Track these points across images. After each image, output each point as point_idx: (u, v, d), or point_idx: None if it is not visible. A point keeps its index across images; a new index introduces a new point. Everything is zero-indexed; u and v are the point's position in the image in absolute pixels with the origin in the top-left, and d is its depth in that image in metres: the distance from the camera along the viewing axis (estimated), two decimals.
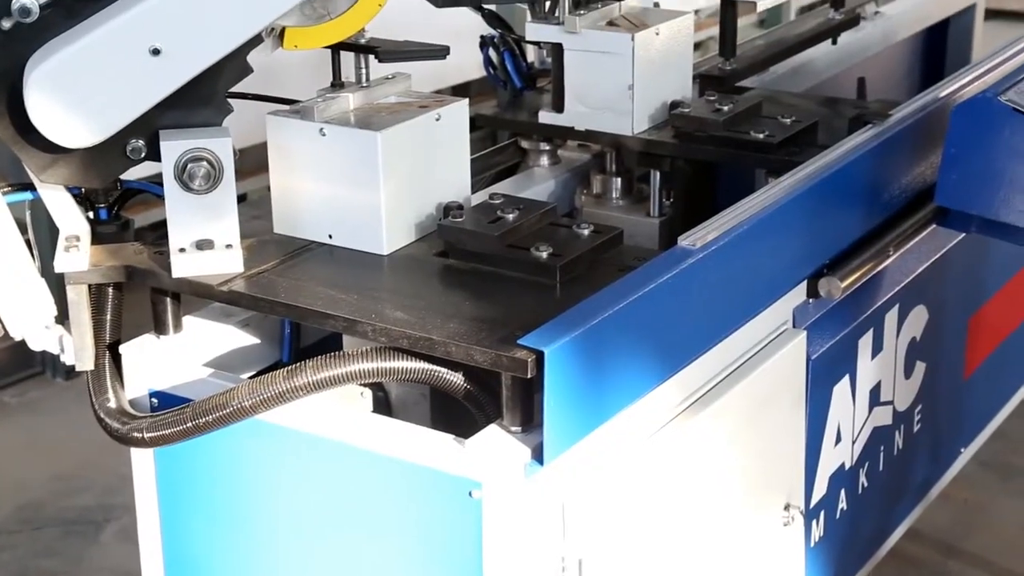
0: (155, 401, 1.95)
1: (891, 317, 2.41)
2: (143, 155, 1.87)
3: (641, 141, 2.42)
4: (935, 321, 2.56)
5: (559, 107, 2.48)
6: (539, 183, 2.53)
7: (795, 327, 2.18)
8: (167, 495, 1.99)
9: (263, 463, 1.90)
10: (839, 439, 2.33)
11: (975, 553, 3.24)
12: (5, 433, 3.88)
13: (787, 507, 2.19)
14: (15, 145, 1.83)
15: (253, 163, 2.33)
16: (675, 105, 2.45)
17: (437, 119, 2.05)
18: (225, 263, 1.89)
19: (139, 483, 2.02)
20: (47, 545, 3.40)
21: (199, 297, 1.93)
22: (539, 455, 1.69)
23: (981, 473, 3.34)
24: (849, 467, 2.38)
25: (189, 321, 2.03)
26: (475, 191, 2.17)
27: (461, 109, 2.09)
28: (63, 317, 1.93)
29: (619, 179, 2.51)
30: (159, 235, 1.97)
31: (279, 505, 1.91)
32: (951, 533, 3.28)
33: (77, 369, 1.93)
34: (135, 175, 1.97)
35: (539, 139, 2.58)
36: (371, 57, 2.06)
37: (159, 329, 1.98)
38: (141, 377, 1.96)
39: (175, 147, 1.83)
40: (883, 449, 2.50)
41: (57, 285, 1.93)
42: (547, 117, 2.50)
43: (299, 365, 1.77)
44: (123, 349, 1.96)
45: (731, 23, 2.76)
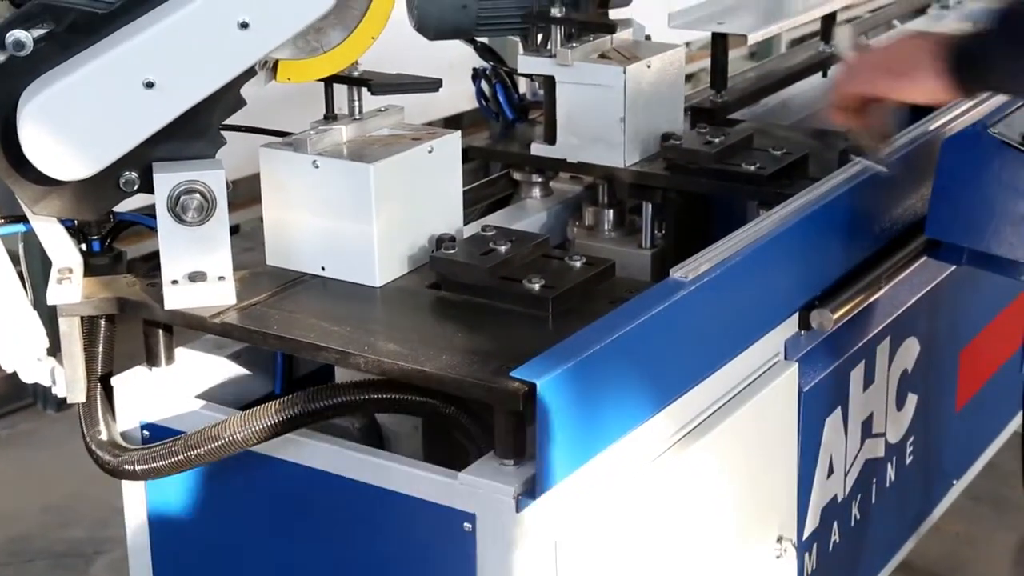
0: (147, 433, 1.95)
1: (883, 349, 2.42)
2: (136, 187, 1.87)
3: (633, 173, 2.43)
4: (927, 353, 2.56)
5: (551, 139, 2.49)
6: (531, 215, 2.54)
7: (787, 359, 2.19)
8: (158, 528, 1.99)
9: (255, 496, 1.90)
10: (831, 471, 2.33)
11: None
12: None
13: (779, 539, 2.19)
14: (8, 178, 1.83)
15: (245, 194, 2.33)
16: (667, 137, 2.46)
17: (430, 151, 2.05)
18: (218, 295, 1.89)
19: (130, 516, 2.01)
20: None
21: (191, 329, 1.93)
22: (532, 488, 1.69)
23: (973, 506, 3.34)
24: (842, 499, 2.38)
25: (181, 353, 2.03)
26: (467, 222, 2.18)
27: (454, 141, 2.10)
28: (55, 349, 1.93)
29: (611, 211, 2.52)
30: (151, 266, 1.97)
31: (271, 538, 1.90)
32: (943, 566, 3.27)
33: (69, 401, 1.93)
34: (128, 206, 1.97)
35: (531, 171, 2.59)
36: (364, 89, 2.07)
37: (151, 361, 1.98)
38: (133, 409, 1.96)
39: (168, 179, 1.84)
40: (875, 481, 2.50)
41: (49, 317, 1.93)
42: (539, 149, 2.51)
43: (291, 397, 1.77)
44: (115, 381, 1.96)
45: (722, 56, 2.78)
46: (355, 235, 1.98)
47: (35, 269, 2.01)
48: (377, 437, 2.02)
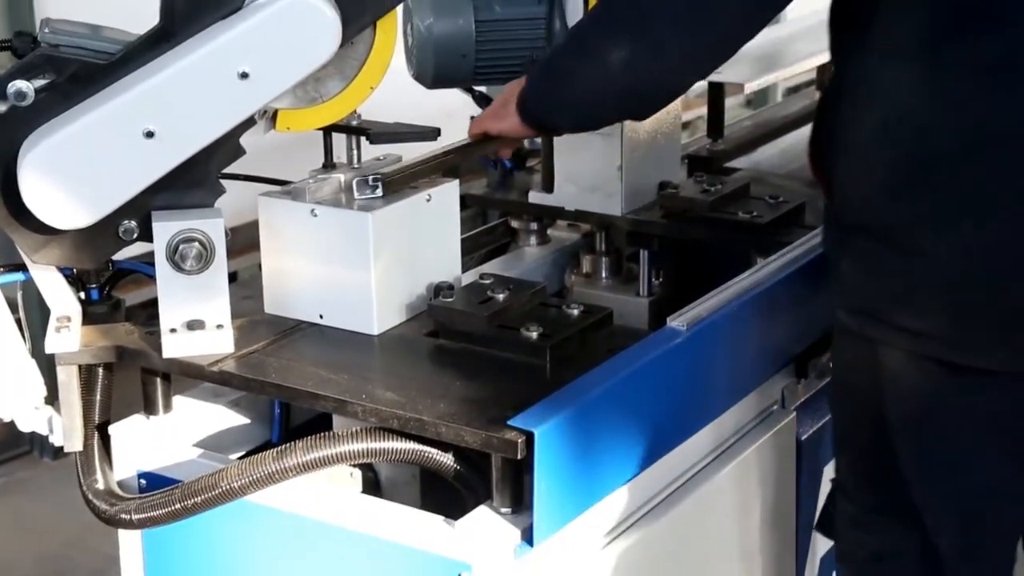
0: (144, 482, 1.95)
1: None
2: (135, 236, 1.88)
3: (630, 221, 2.44)
4: None
5: (549, 187, 2.50)
6: (529, 262, 2.55)
7: (784, 407, 2.19)
8: None
9: (252, 545, 1.89)
10: None
11: None
12: None
13: None
14: (8, 227, 1.84)
15: (243, 241, 2.33)
16: (664, 185, 2.47)
17: (428, 200, 2.06)
18: (216, 343, 1.89)
19: (126, 565, 2.00)
20: None
21: (190, 377, 1.93)
22: (529, 536, 1.68)
23: None
24: None
25: (179, 401, 2.02)
26: (465, 270, 2.19)
27: (452, 190, 2.11)
28: (52, 397, 1.93)
29: (608, 259, 2.52)
30: (150, 314, 1.97)
31: None
32: None
33: (66, 450, 1.92)
34: (127, 253, 1.98)
35: (529, 219, 2.60)
36: (363, 138, 2.08)
37: (149, 409, 1.98)
38: (130, 458, 1.96)
39: (167, 228, 1.84)
40: None
41: (47, 364, 1.93)
42: (537, 197, 2.52)
43: (289, 446, 1.77)
44: (112, 430, 1.96)
45: (719, 105, 2.80)
46: (353, 283, 1.98)
47: (33, 317, 2.01)
48: (374, 485, 2.01)
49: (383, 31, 1.94)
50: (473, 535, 1.70)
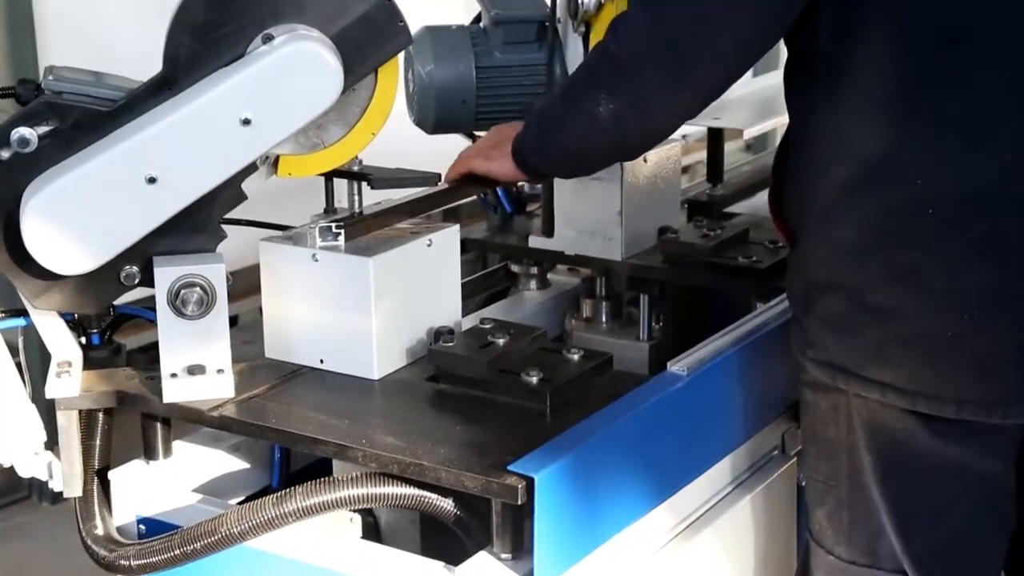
0: (143, 528, 1.94)
1: None
2: (137, 281, 1.88)
3: (630, 266, 2.44)
4: None
5: (549, 232, 2.51)
6: (529, 307, 2.55)
7: (784, 453, 2.18)
8: None
9: None
10: None
11: None
12: None
13: None
14: (10, 272, 1.85)
15: (244, 285, 2.34)
16: (664, 230, 2.48)
17: (428, 244, 2.07)
18: (216, 388, 1.89)
19: None
20: None
21: (190, 422, 1.93)
22: None
23: None
24: None
25: (179, 446, 2.02)
26: (465, 314, 2.19)
27: (452, 235, 2.12)
28: (52, 442, 1.92)
29: (608, 303, 2.53)
30: (150, 358, 1.97)
31: None
32: None
33: (65, 495, 1.92)
34: (127, 297, 1.98)
35: (529, 263, 2.61)
36: (364, 183, 2.09)
37: (148, 454, 1.98)
38: (129, 503, 1.95)
39: (169, 273, 1.85)
40: None
41: (46, 409, 1.93)
42: (537, 241, 2.53)
43: (289, 491, 1.77)
44: (112, 475, 1.96)
45: (718, 150, 2.81)
46: (354, 328, 1.99)
47: (34, 361, 2.01)
48: (374, 531, 2.01)
49: (385, 78, 1.96)
50: None
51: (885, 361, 1.80)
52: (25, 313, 1.92)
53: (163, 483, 1.96)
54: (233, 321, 1.95)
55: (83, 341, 1.99)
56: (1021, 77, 1.71)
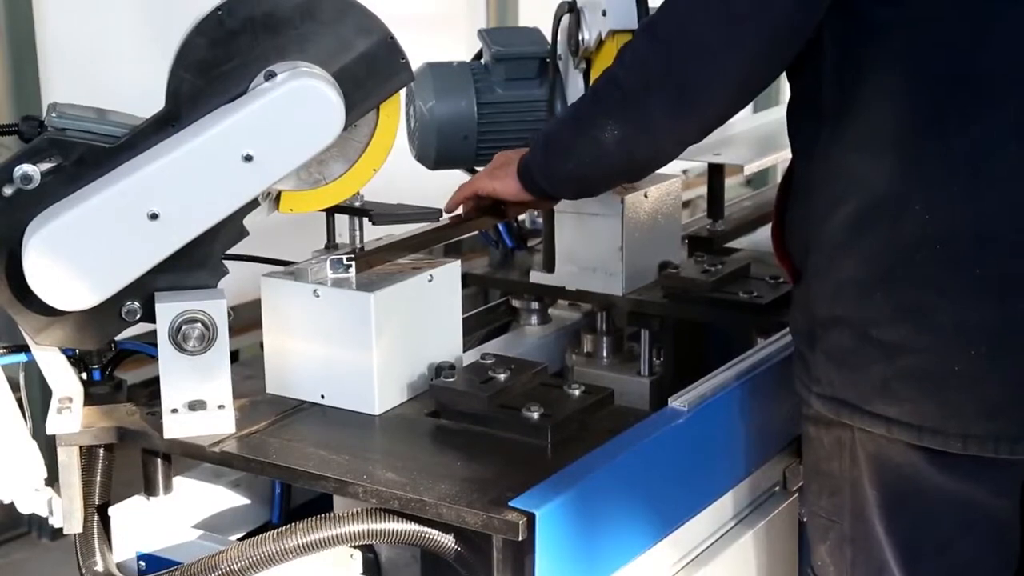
0: (143, 564, 1.94)
1: None
2: (139, 316, 1.88)
3: (631, 301, 2.45)
4: None
5: (550, 267, 2.51)
6: (530, 342, 2.55)
7: (786, 489, 2.18)
8: None
9: None
10: None
11: None
12: None
13: None
14: (11, 308, 1.85)
15: (245, 319, 2.34)
16: (664, 266, 2.49)
17: (430, 280, 2.07)
18: (217, 424, 1.89)
19: None
20: None
21: (190, 458, 1.93)
22: None
23: None
24: None
25: (179, 482, 2.02)
26: (466, 349, 2.19)
27: (453, 270, 2.12)
28: (52, 478, 1.92)
29: (609, 338, 2.53)
30: (151, 393, 1.97)
31: None
32: None
33: (65, 532, 1.91)
34: (128, 332, 1.98)
35: (530, 298, 2.61)
36: (365, 219, 2.10)
37: (149, 490, 1.98)
38: (129, 539, 1.95)
39: (170, 309, 1.85)
40: None
41: (46, 444, 1.93)
42: (538, 277, 2.53)
43: (289, 527, 1.76)
44: (112, 511, 1.95)
45: (719, 185, 2.82)
46: (354, 363, 1.99)
47: (34, 397, 2.01)
48: (375, 567, 2.00)
49: (386, 114, 1.96)
50: None
51: (891, 396, 1.80)
52: (26, 349, 1.93)
53: (163, 519, 1.96)
54: (234, 356, 1.95)
55: (84, 377, 1.99)
56: None
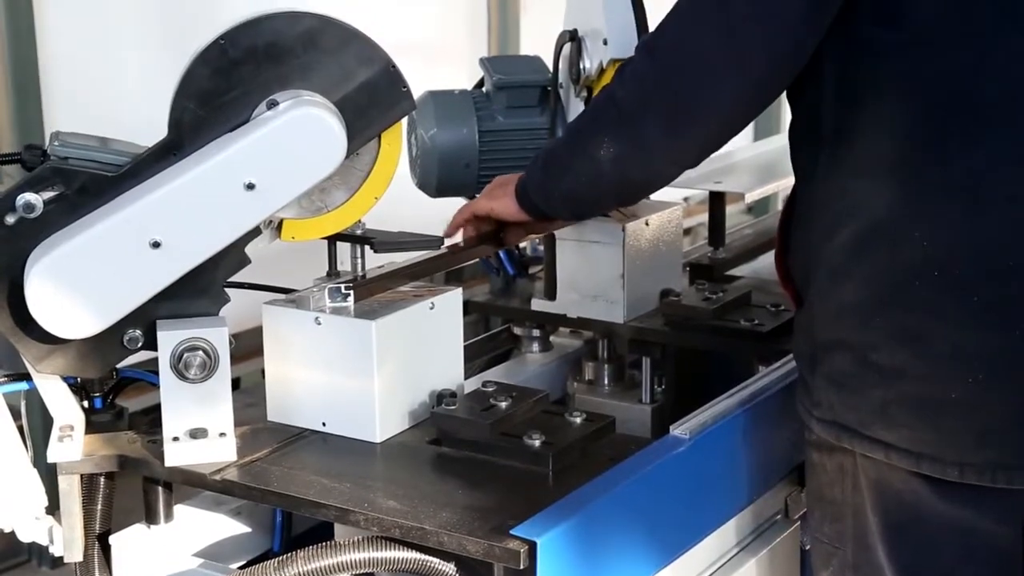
0: None
1: None
2: (140, 344, 1.89)
3: (632, 329, 2.45)
4: None
5: (551, 294, 2.51)
6: (531, 369, 2.55)
7: (787, 517, 2.17)
8: None
9: None
10: None
11: None
12: None
13: None
14: (13, 336, 1.85)
15: (247, 347, 2.35)
16: (666, 293, 2.49)
17: (431, 308, 2.07)
18: (218, 452, 1.89)
19: None
20: None
21: (191, 486, 1.93)
22: None
23: None
24: None
25: (180, 510, 2.02)
26: (467, 377, 2.19)
27: (455, 298, 2.12)
28: (53, 507, 1.92)
29: (611, 366, 2.53)
30: (152, 420, 1.97)
31: None
32: None
33: (66, 560, 1.91)
34: (129, 360, 1.98)
35: (531, 326, 2.61)
36: (367, 247, 2.10)
37: (150, 519, 1.97)
38: (130, 567, 1.94)
39: (172, 337, 1.86)
40: None
41: (47, 472, 1.92)
42: (539, 304, 2.53)
43: (290, 555, 1.76)
44: (113, 540, 1.95)
45: (720, 213, 2.82)
46: (356, 391, 1.99)
47: (35, 424, 2.01)
48: None
49: (388, 142, 1.97)
50: None
51: (889, 421, 1.79)
52: (28, 377, 1.93)
53: (164, 547, 1.95)
54: (235, 384, 1.95)
55: (85, 405, 1.99)
56: None
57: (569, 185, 2.04)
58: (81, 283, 1.78)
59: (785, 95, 1.91)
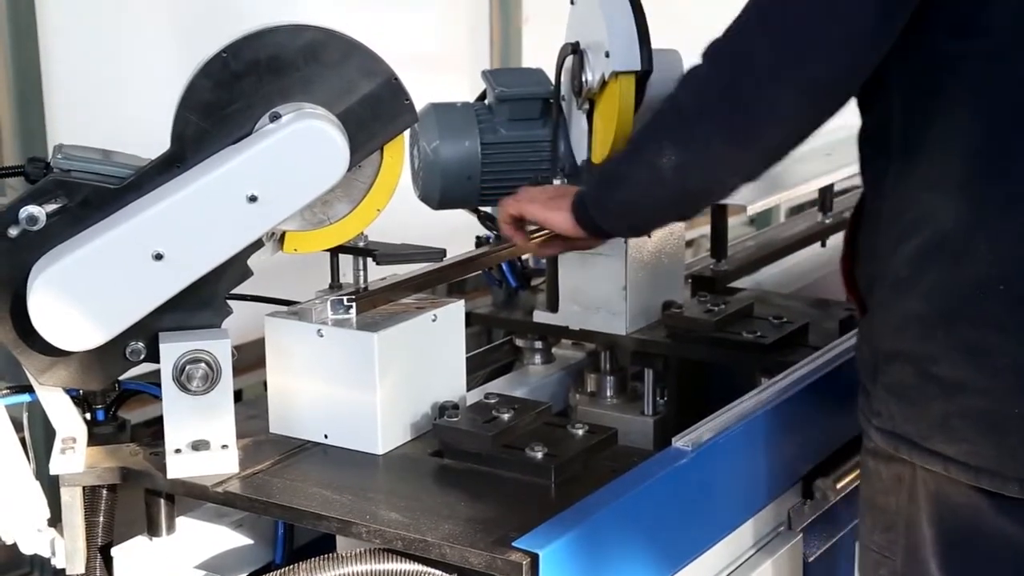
0: None
1: None
2: (143, 356, 1.89)
3: (635, 341, 2.45)
4: None
5: (553, 306, 2.52)
6: (533, 381, 2.55)
7: (791, 529, 2.17)
8: None
9: None
10: None
11: None
12: None
13: None
14: (16, 348, 1.85)
15: (249, 359, 2.34)
16: (668, 305, 2.49)
17: (433, 320, 2.08)
18: (220, 464, 1.89)
19: None
20: None
21: (193, 498, 1.93)
22: None
23: None
24: None
25: (182, 522, 2.01)
26: (470, 388, 2.19)
27: (457, 310, 2.12)
28: (55, 519, 1.92)
29: (613, 377, 2.53)
30: (154, 432, 1.97)
31: None
32: None
33: (68, 573, 1.91)
34: (131, 372, 1.98)
35: (533, 338, 2.62)
36: (369, 259, 2.10)
37: (152, 531, 1.97)
38: None
39: (174, 349, 1.86)
40: None
41: (49, 484, 1.92)
42: (541, 316, 2.54)
43: (292, 567, 1.76)
44: (115, 552, 1.95)
45: (722, 225, 2.82)
46: (358, 403, 1.99)
47: (37, 436, 2.01)
48: None
49: (390, 154, 1.97)
50: None
51: (949, 434, 1.77)
52: (30, 389, 1.93)
53: (166, 560, 1.95)
54: (237, 396, 1.95)
55: (88, 417, 1.99)
56: None
57: (626, 195, 1.97)
58: (84, 295, 1.78)
59: (856, 103, 1.87)
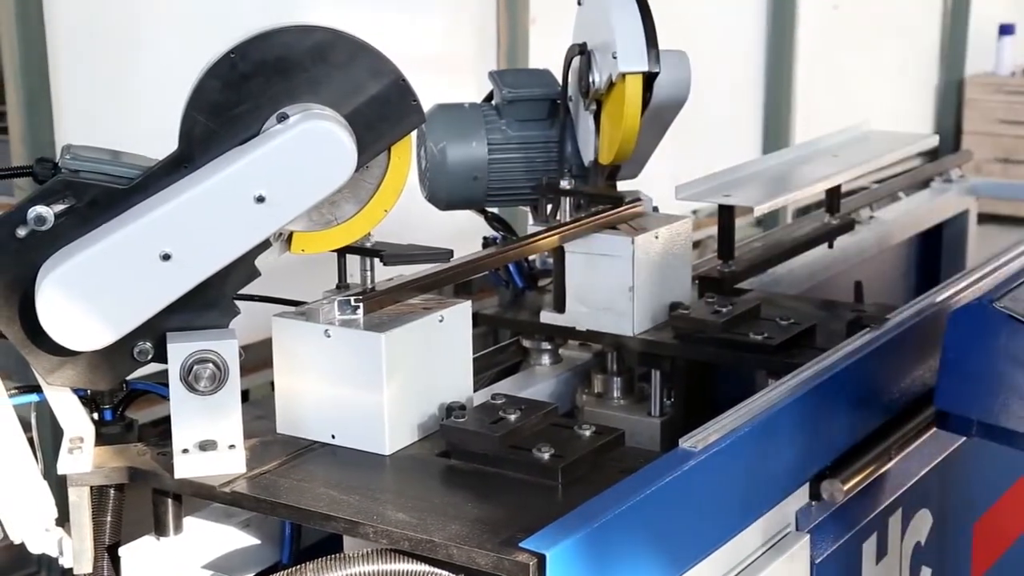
0: None
1: (895, 521, 2.40)
2: (150, 357, 1.89)
3: (641, 341, 2.45)
4: (939, 526, 2.53)
5: (560, 307, 2.51)
6: (540, 382, 2.55)
7: (798, 530, 2.17)
8: None
9: None
10: None
11: None
12: None
13: None
14: (24, 348, 1.86)
15: (256, 359, 2.35)
16: (675, 306, 2.49)
17: (440, 320, 2.08)
18: (228, 464, 1.89)
19: None
20: None
21: (201, 498, 1.93)
22: None
23: None
24: None
25: (189, 522, 2.02)
26: (477, 389, 2.19)
27: (464, 311, 2.12)
28: (63, 519, 1.92)
29: (620, 378, 2.53)
30: (162, 432, 1.97)
31: None
32: None
33: (75, 572, 1.91)
34: (139, 372, 1.98)
35: (540, 338, 2.61)
36: (376, 259, 2.10)
37: (159, 531, 1.97)
38: None
39: (182, 349, 1.86)
40: None
41: (57, 484, 1.93)
42: (548, 317, 2.53)
43: (299, 568, 1.76)
44: (122, 551, 1.95)
45: (729, 226, 2.82)
46: (365, 403, 1.99)
47: (45, 436, 2.01)
48: None
49: (397, 155, 1.98)
50: None
51: None
52: (38, 389, 1.93)
53: (173, 559, 1.95)
54: (244, 396, 1.95)
55: (95, 417, 2.00)
56: None
57: None
58: (92, 295, 1.78)
59: None
